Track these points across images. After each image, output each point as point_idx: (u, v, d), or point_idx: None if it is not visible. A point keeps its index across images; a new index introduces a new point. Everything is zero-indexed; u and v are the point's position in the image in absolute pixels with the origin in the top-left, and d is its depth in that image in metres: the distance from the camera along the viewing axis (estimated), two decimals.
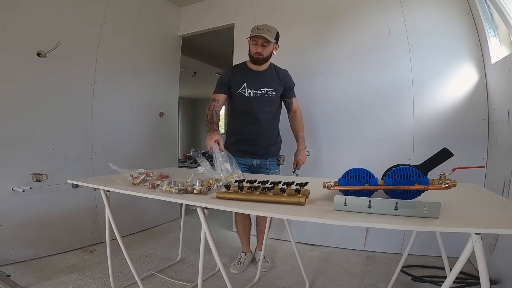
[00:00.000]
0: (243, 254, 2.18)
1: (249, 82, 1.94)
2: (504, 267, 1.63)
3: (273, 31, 1.87)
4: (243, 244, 2.22)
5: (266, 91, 1.96)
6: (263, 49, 1.87)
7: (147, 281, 1.90)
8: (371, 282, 1.90)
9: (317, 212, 0.95)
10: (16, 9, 2.09)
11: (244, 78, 1.95)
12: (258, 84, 1.95)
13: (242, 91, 1.94)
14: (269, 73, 2.00)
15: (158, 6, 3.14)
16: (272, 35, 1.85)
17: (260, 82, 1.95)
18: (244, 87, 1.93)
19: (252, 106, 1.95)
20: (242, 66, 2.03)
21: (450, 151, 1.02)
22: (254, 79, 1.95)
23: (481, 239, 0.75)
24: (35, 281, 1.86)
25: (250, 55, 1.94)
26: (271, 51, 1.92)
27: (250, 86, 1.94)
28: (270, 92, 1.97)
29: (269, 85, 1.97)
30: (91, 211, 2.54)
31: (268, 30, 1.84)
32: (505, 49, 1.93)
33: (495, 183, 1.91)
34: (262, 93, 1.95)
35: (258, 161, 2.03)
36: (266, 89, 1.96)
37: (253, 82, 1.94)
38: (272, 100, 2.00)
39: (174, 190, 1.23)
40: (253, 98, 1.94)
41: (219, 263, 1.21)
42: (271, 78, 1.99)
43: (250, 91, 1.94)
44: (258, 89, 1.95)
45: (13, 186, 2.09)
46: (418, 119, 2.27)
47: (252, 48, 1.91)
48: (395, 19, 2.33)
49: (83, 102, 2.51)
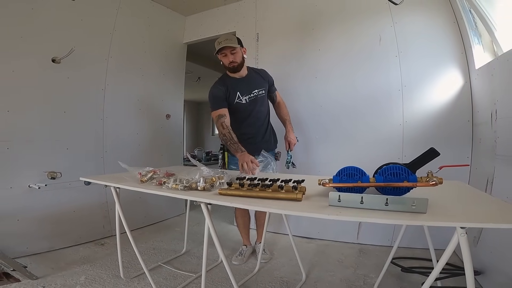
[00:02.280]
0: (244, 247, 2.18)
1: (240, 90, 1.93)
2: (487, 259, 1.63)
3: (233, 38, 1.85)
4: (244, 238, 2.22)
5: (257, 92, 1.97)
6: (234, 57, 1.85)
7: (155, 272, 1.90)
8: (363, 272, 1.90)
9: (313, 208, 0.95)
10: (32, 18, 2.09)
11: (235, 87, 1.92)
12: (248, 88, 1.95)
13: (238, 100, 1.93)
14: (252, 76, 2.00)
15: (164, 16, 3.14)
16: (234, 41, 1.83)
17: (249, 86, 1.95)
18: (238, 96, 1.92)
19: (250, 109, 1.96)
20: (226, 78, 1.98)
21: (437, 150, 1.02)
22: (243, 85, 1.94)
23: (466, 233, 0.75)
24: (50, 271, 1.86)
25: (227, 67, 1.91)
26: (241, 55, 1.90)
27: (243, 93, 1.93)
28: (261, 92, 1.98)
29: (257, 86, 1.98)
30: (102, 207, 2.54)
31: (228, 39, 1.83)
32: (488, 56, 1.93)
33: (479, 181, 1.91)
34: (255, 95, 1.96)
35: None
36: (256, 90, 1.96)
37: (243, 88, 1.94)
38: (263, 99, 2.02)
39: (179, 187, 1.23)
40: (249, 102, 1.94)
41: (221, 255, 1.22)
42: (256, 79, 2.00)
43: (245, 97, 1.93)
44: (250, 93, 1.95)
45: (30, 183, 2.09)
46: (407, 121, 2.27)
47: (224, 60, 1.88)
48: (386, 27, 2.33)
49: (94, 105, 2.51)
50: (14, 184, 2.03)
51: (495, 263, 1.57)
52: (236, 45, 1.83)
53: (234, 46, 1.82)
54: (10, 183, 2.01)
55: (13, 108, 2.02)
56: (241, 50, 1.91)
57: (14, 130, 2.03)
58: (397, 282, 1.74)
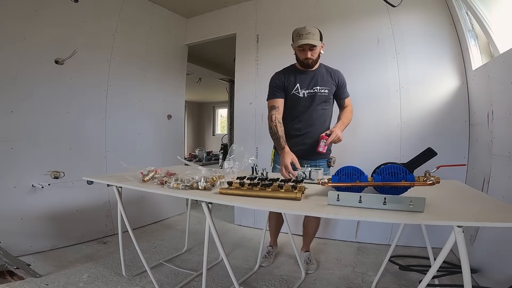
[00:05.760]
0: (270, 248, 2.11)
1: (301, 82, 1.77)
2: (483, 257, 1.63)
3: (316, 33, 1.66)
4: (271, 238, 2.14)
5: (319, 90, 1.77)
6: (311, 53, 1.69)
7: (156, 270, 1.90)
8: (362, 271, 1.89)
9: (312, 207, 0.95)
10: (36, 20, 2.09)
11: (296, 79, 1.78)
12: (310, 83, 1.78)
13: (296, 91, 1.77)
14: (321, 72, 1.81)
15: (166, 17, 3.14)
16: (317, 37, 1.66)
17: (312, 81, 1.78)
18: (297, 87, 1.77)
19: (306, 105, 1.78)
20: (292, 68, 1.84)
21: (434, 150, 1.02)
22: (306, 79, 1.78)
23: (463, 231, 0.75)
24: (53, 269, 1.86)
25: (299, 61, 1.76)
26: (319, 52, 1.74)
27: (303, 86, 1.77)
28: (323, 91, 1.78)
29: (321, 83, 1.78)
30: (105, 206, 2.54)
31: (311, 33, 1.64)
32: (485, 57, 1.93)
33: (475, 180, 1.91)
34: (315, 91, 1.77)
35: (308, 162, 1.77)
36: (318, 87, 1.77)
37: (305, 81, 1.78)
38: (325, 99, 1.80)
39: (180, 186, 1.23)
40: (307, 97, 1.77)
41: (222, 253, 1.22)
42: (323, 77, 1.80)
43: (304, 91, 1.77)
44: (311, 88, 1.77)
45: (33, 182, 2.09)
46: (404, 121, 2.27)
47: (300, 55, 1.73)
48: (384, 29, 2.33)
49: (97, 105, 2.51)
50: (17, 184, 2.03)
51: (492, 261, 1.57)
52: (318, 44, 1.66)
53: (315, 44, 1.65)
54: (14, 182, 2.01)
55: (16, 108, 2.01)
56: (320, 46, 1.72)
57: (17, 130, 2.03)
58: (395, 280, 1.74)
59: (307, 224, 2.01)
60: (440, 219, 0.78)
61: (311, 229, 2.00)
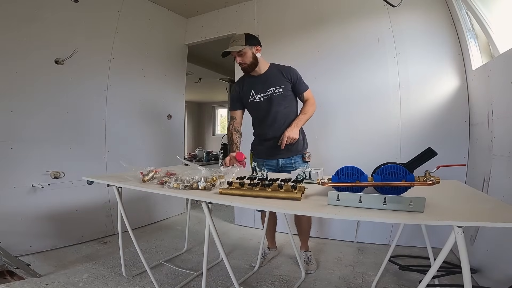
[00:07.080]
0: (267, 249, 2.13)
1: (255, 88, 1.85)
2: (483, 257, 1.63)
3: (240, 38, 1.76)
4: (268, 241, 2.16)
5: (273, 91, 1.82)
6: (241, 58, 1.78)
7: (156, 270, 1.90)
8: (362, 270, 1.89)
9: (312, 207, 0.95)
10: (36, 20, 2.09)
11: (250, 86, 1.87)
12: (263, 86, 1.84)
13: (252, 98, 1.86)
14: (272, 73, 1.86)
15: (166, 17, 3.14)
16: (241, 42, 1.74)
17: (264, 84, 1.84)
18: (252, 94, 1.85)
19: (266, 108, 1.84)
20: (244, 76, 1.93)
21: (434, 150, 1.02)
22: (258, 83, 1.85)
23: (463, 231, 0.75)
24: (53, 269, 1.86)
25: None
26: (252, 55, 1.79)
27: (258, 91, 1.84)
28: (277, 90, 1.82)
29: (274, 83, 1.83)
30: (105, 206, 2.54)
31: (235, 40, 1.76)
32: (485, 57, 1.93)
33: (475, 180, 1.91)
34: (270, 93, 1.82)
35: (283, 160, 1.86)
36: (272, 88, 1.82)
37: (258, 86, 1.85)
38: (283, 98, 1.83)
39: (180, 186, 1.23)
40: (264, 101, 1.84)
41: (222, 253, 1.21)
42: (275, 77, 1.85)
43: (259, 95, 1.84)
44: (265, 91, 1.83)
45: (33, 182, 2.09)
46: (404, 121, 2.27)
47: (236, 62, 1.82)
48: (384, 29, 2.32)
49: (97, 105, 2.51)
50: (17, 184, 2.03)
51: (492, 261, 1.57)
52: (241, 48, 1.73)
53: (233, 50, 1.74)
54: (14, 182, 2.01)
55: (16, 108, 2.01)
56: (251, 49, 1.78)
57: (17, 130, 2.02)
58: (395, 280, 1.74)
59: (298, 223, 2.06)
60: (440, 219, 0.78)
61: (303, 226, 2.01)
